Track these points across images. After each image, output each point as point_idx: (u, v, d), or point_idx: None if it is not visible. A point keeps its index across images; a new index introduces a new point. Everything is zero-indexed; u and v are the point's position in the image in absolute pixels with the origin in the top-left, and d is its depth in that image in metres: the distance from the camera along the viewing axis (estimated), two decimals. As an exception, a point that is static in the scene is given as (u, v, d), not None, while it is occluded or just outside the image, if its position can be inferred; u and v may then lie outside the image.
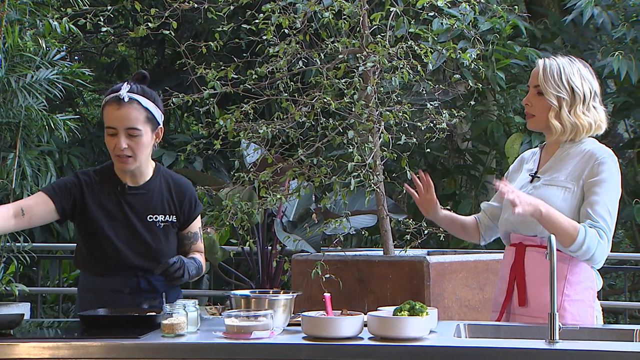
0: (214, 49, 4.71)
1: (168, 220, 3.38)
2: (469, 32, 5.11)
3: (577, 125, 3.21)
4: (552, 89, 3.21)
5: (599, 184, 3.13)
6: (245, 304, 2.97)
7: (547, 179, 3.23)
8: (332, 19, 4.59)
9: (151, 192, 3.37)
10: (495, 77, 6.72)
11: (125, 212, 3.32)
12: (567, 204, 3.15)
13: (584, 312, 3.18)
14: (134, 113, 3.28)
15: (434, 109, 4.66)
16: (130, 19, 8.67)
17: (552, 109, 3.21)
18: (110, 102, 3.30)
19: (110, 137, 3.29)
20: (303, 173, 4.54)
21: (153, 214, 3.36)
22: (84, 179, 3.36)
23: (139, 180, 3.38)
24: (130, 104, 3.28)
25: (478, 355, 2.68)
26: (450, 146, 8.49)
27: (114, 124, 3.28)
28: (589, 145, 3.25)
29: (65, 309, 8.33)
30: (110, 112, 3.29)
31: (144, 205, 3.35)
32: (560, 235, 3.07)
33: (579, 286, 3.17)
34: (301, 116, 4.49)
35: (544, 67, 3.24)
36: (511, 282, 3.24)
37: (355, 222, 5.26)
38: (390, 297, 4.28)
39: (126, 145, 3.27)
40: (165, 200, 3.39)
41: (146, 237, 3.33)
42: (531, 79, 3.30)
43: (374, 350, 2.71)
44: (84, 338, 2.83)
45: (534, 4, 8.60)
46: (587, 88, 3.22)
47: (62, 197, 3.30)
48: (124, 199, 3.34)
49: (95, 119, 11.08)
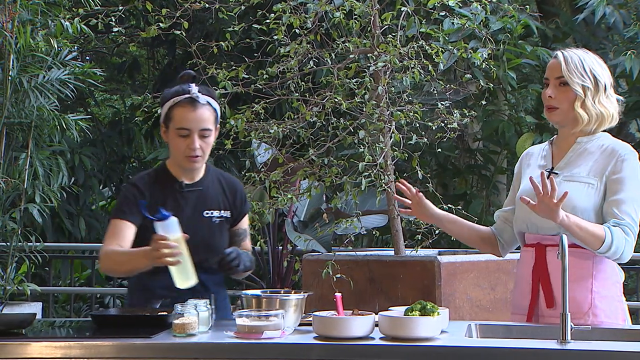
0: (225, 49, 4.72)
1: (223, 216, 3.41)
2: (480, 32, 5.11)
3: (602, 114, 3.19)
4: (577, 78, 3.17)
5: (623, 181, 3.11)
6: (257, 303, 2.97)
7: (567, 175, 3.18)
8: (343, 19, 4.59)
9: (206, 189, 3.41)
10: (506, 77, 6.70)
11: (183, 209, 3.34)
12: (590, 200, 3.12)
13: (614, 308, 3.14)
14: (207, 114, 3.31)
15: (445, 109, 4.66)
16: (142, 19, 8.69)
17: (577, 99, 3.18)
18: (183, 104, 3.30)
19: (181, 138, 3.30)
20: (314, 173, 4.55)
21: (209, 209, 3.39)
22: (142, 184, 3.36)
23: (195, 177, 3.41)
24: (204, 105, 3.31)
25: (489, 356, 2.67)
26: (461, 146, 8.48)
27: (188, 125, 3.28)
28: (607, 141, 3.21)
29: (77, 308, 8.36)
30: (184, 113, 3.29)
31: (201, 202, 3.39)
32: (588, 240, 3.05)
33: (606, 282, 3.14)
34: (312, 116, 4.49)
35: (565, 58, 3.21)
36: (535, 284, 3.19)
37: (366, 222, 5.26)
38: (402, 297, 4.28)
39: (199, 145, 3.29)
40: (220, 196, 3.43)
41: (203, 233, 3.35)
42: (551, 72, 3.25)
43: (385, 350, 2.71)
44: (95, 338, 2.83)
45: (546, 3, 8.58)
46: (606, 77, 3.21)
47: (133, 212, 3.30)
48: (182, 196, 3.37)
49: (107, 118, 11.11)
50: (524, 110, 7.73)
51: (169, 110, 3.32)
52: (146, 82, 10.97)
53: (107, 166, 8.70)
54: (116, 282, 7.77)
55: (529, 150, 3.44)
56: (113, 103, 12.38)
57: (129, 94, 11.28)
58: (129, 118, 9.13)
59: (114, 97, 12.25)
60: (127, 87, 11.33)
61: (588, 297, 3.10)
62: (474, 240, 3.43)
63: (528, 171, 3.32)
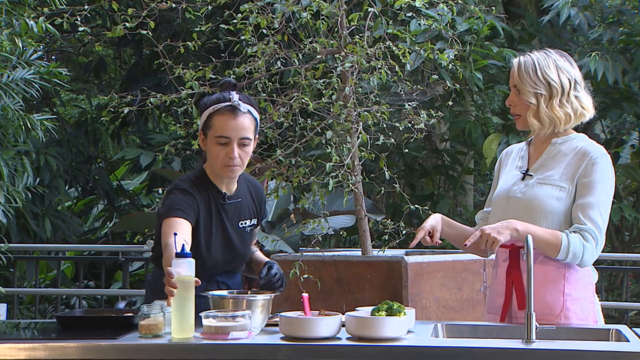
0: (192, 49, 4.70)
1: (253, 224, 3.40)
2: (446, 33, 5.13)
3: (554, 118, 3.18)
4: (529, 86, 3.17)
5: (592, 185, 3.12)
6: (223, 304, 2.97)
7: (540, 177, 3.19)
8: (310, 20, 4.60)
9: (243, 200, 3.36)
10: (473, 78, 6.74)
11: (223, 221, 3.29)
12: (561, 204, 3.14)
13: (586, 309, 3.16)
14: (247, 123, 3.23)
15: (412, 110, 4.67)
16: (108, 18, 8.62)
17: (530, 108, 3.20)
18: (224, 112, 3.22)
19: (220, 147, 3.21)
20: (281, 173, 4.54)
21: (244, 219, 3.36)
22: (193, 191, 3.25)
23: (232, 188, 3.34)
24: (245, 113, 3.23)
25: (455, 355, 2.68)
26: (429, 146, 8.52)
27: (229, 134, 3.20)
28: (581, 143, 3.22)
29: (42, 309, 8.29)
30: (225, 121, 3.21)
31: (238, 213, 3.34)
32: (544, 249, 3.08)
33: (578, 283, 3.16)
34: (279, 116, 4.49)
35: (519, 65, 3.21)
36: (508, 285, 3.21)
37: (333, 222, 5.26)
38: (369, 297, 4.29)
39: (237, 155, 3.22)
40: (251, 205, 3.39)
41: (237, 243, 3.32)
42: (510, 79, 3.29)
43: (351, 350, 2.71)
44: (60, 339, 2.81)
45: (512, 4, 8.64)
46: (565, 79, 3.18)
47: (192, 214, 3.20)
48: (223, 209, 3.30)
49: (73, 118, 11.02)
50: (491, 111, 7.78)
51: (208, 118, 3.24)
52: (113, 82, 10.89)
53: (73, 166, 8.62)
54: (82, 283, 7.72)
55: (508, 150, 3.45)
56: (79, 103, 12.29)
57: (96, 94, 11.20)
58: (95, 118, 9.07)
59: (80, 97, 12.16)
60: (94, 87, 11.25)
61: (560, 299, 3.12)
62: (460, 240, 3.37)
63: (505, 171, 3.35)
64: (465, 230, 3.38)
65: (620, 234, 8.59)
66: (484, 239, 3.06)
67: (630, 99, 7.65)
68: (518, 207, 3.18)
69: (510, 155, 3.39)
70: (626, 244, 8.42)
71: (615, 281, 8.46)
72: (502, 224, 3.09)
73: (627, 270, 7.36)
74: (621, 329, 2.99)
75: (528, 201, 3.17)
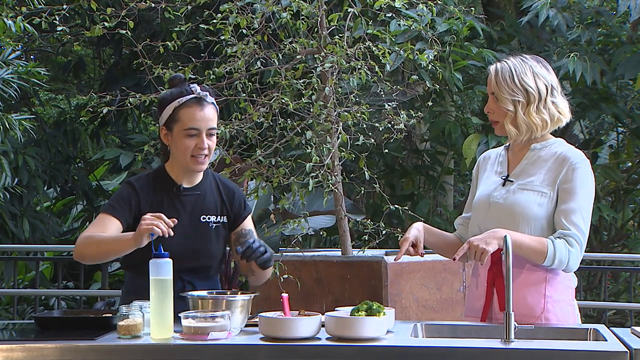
0: (172, 49, 4.69)
1: (219, 222, 3.37)
2: (426, 34, 5.14)
3: (531, 125, 3.18)
4: (507, 93, 3.18)
5: (573, 190, 3.13)
6: (203, 304, 2.96)
7: (521, 183, 3.20)
8: (290, 20, 4.60)
9: (204, 193, 3.36)
10: (452, 78, 6.75)
11: (179, 213, 3.28)
12: (543, 210, 3.15)
13: (566, 312, 3.18)
14: (213, 113, 3.29)
15: (392, 110, 4.68)
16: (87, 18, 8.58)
17: (508, 115, 3.20)
18: (190, 104, 3.26)
19: (189, 138, 3.25)
20: (261, 173, 4.54)
21: (207, 214, 3.35)
22: (139, 185, 3.31)
23: (194, 181, 3.36)
24: (210, 104, 3.29)
25: (435, 355, 2.69)
26: (409, 147, 8.53)
27: (198, 125, 3.25)
28: (560, 148, 3.23)
29: (21, 310, 8.24)
30: (193, 113, 3.25)
31: (198, 206, 3.34)
32: (531, 256, 3.10)
33: (559, 287, 3.18)
34: (259, 116, 4.49)
35: (496, 72, 3.21)
36: (489, 286, 3.21)
37: (313, 222, 5.26)
38: (349, 297, 4.29)
39: (207, 145, 3.26)
40: (217, 201, 3.38)
41: (199, 238, 3.31)
42: (487, 86, 3.29)
43: (331, 350, 2.71)
44: (38, 340, 2.79)
45: (491, 5, 8.67)
46: (541, 85, 3.18)
47: (124, 211, 3.27)
48: (179, 201, 3.32)
49: (52, 118, 10.96)
50: (470, 111, 7.80)
51: (174, 111, 3.26)
52: (92, 82, 10.84)
53: (51, 167, 8.58)
54: (61, 284, 7.68)
55: (485, 155, 3.45)
56: (58, 103, 12.22)
57: (75, 94, 11.14)
58: (74, 118, 9.02)
59: (59, 96, 12.10)
60: (73, 86, 11.19)
61: (541, 301, 3.14)
62: (441, 247, 3.39)
63: (485, 176, 3.35)
64: (446, 237, 3.38)
65: (598, 234, 8.63)
66: (472, 250, 3.07)
67: (609, 100, 7.69)
68: (499, 213, 3.19)
69: (489, 160, 3.39)
70: (604, 244, 8.47)
71: (593, 281, 8.51)
72: (488, 234, 3.09)
73: (606, 270, 7.38)
74: (599, 329, 3.00)
75: (510, 207, 3.18)
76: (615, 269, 7.66)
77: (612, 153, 8.88)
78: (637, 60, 7.19)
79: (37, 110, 10.22)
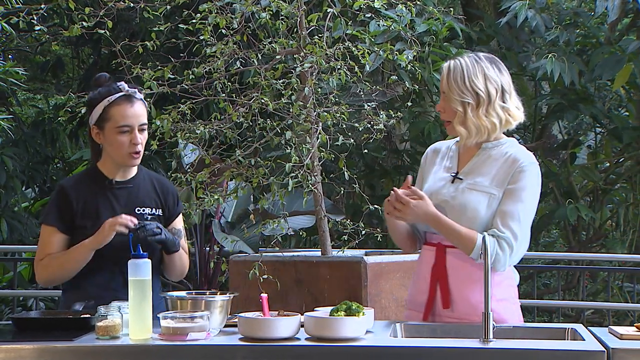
0: (151, 48, 4.67)
1: (155, 214, 3.43)
2: (405, 34, 5.14)
3: (480, 127, 3.18)
4: (456, 94, 3.17)
5: (516, 193, 3.14)
6: (182, 305, 2.96)
7: (470, 183, 3.20)
8: (269, 20, 4.59)
9: (138, 186, 3.43)
10: (432, 79, 6.77)
11: (113, 206, 3.36)
12: (490, 211, 3.15)
13: (510, 311, 3.20)
14: (143, 109, 3.39)
15: (372, 110, 4.68)
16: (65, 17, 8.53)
17: (457, 115, 3.20)
18: (120, 102, 3.35)
19: (122, 135, 3.33)
20: (241, 174, 4.53)
21: (141, 206, 3.41)
22: (69, 185, 3.39)
23: (126, 175, 3.43)
24: (139, 100, 3.38)
25: (414, 355, 2.70)
26: (388, 147, 8.55)
27: (130, 122, 3.33)
28: (511, 149, 3.22)
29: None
30: (123, 110, 3.33)
31: (132, 199, 3.40)
32: (459, 243, 3.14)
33: (502, 285, 3.19)
34: (239, 117, 4.48)
35: (448, 71, 3.21)
36: (433, 283, 3.21)
37: (293, 222, 5.26)
38: (328, 297, 4.29)
39: (140, 140, 3.34)
40: (152, 195, 3.45)
41: None
42: (440, 85, 3.28)
43: (310, 350, 2.72)
44: (16, 341, 2.78)
45: (470, 6, 8.70)
46: (491, 88, 3.16)
47: (64, 218, 3.34)
48: (112, 193, 3.38)
49: (30, 118, 10.89)
50: (450, 111, 7.80)
51: (104, 110, 3.34)
52: (71, 82, 10.78)
53: (30, 167, 8.52)
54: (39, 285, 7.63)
55: (435, 146, 3.44)
56: (36, 103, 12.15)
57: (53, 94, 11.09)
58: (52, 118, 8.97)
59: (37, 96, 12.02)
60: (51, 86, 11.13)
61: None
62: (402, 238, 3.40)
63: (433, 170, 3.34)
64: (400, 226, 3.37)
65: (576, 234, 8.68)
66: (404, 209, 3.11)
67: (587, 100, 7.74)
68: (447, 211, 3.18)
69: (439, 153, 3.39)
70: (583, 244, 8.51)
71: (572, 280, 8.55)
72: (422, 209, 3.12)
73: (584, 270, 7.42)
74: (577, 328, 3.02)
75: (458, 207, 3.18)
76: (594, 268, 7.70)
77: (591, 153, 8.94)
78: (615, 61, 7.24)
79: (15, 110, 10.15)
